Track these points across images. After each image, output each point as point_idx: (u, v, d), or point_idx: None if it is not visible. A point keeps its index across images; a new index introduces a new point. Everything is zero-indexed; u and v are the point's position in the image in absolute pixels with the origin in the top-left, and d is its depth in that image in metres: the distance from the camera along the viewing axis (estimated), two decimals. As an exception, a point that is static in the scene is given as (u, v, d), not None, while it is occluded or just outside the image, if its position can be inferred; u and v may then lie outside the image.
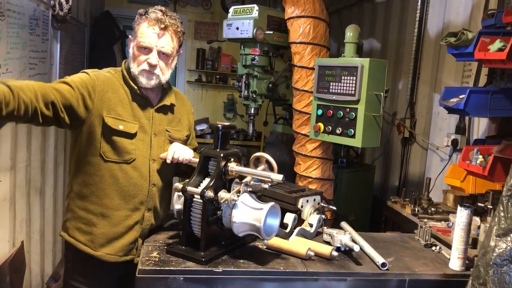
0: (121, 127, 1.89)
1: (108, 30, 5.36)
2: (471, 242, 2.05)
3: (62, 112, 1.79)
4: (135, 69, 1.92)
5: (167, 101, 2.04)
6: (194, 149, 2.21)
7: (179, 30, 1.96)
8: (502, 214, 1.57)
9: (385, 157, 4.22)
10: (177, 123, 2.10)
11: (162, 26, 1.90)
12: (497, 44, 2.17)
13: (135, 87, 1.95)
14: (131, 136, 1.92)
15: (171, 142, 2.04)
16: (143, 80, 1.93)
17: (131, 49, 1.94)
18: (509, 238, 1.52)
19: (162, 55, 1.92)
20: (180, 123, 2.12)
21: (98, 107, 1.87)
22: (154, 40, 1.89)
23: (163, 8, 1.94)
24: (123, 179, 1.92)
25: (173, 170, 2.09)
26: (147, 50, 1.90)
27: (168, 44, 1.93)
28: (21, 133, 2.91)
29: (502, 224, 1.55)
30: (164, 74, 1.96)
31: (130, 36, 1.98)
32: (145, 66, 1.91)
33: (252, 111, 3.49)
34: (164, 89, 2.06)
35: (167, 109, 2.05)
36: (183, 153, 1.97)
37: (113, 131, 1.89)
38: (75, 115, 1.84)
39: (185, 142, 2.13)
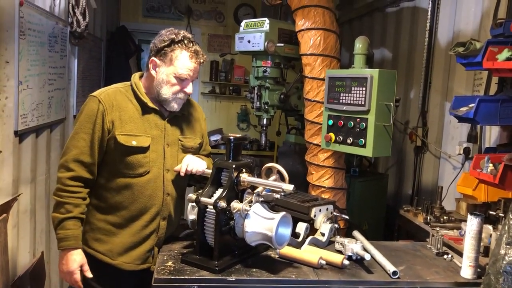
0: (134, 143, 1.95)
1: (124, 45, 5.49)
2: (483, 250, 2.05)
3: (100, 154, 1.96)
4: (168, 95, 1.97)
5: (178, 111, 2.09)
6: (208, 155, 2.28)
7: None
8: (511, 222, 1.59)
9: (398, 166, 4.22)
10: (190, 132, 2.15)
11: (201, 61, 1.99)
12: (505, 53, 2.18)
13: (146, 101, 2.00)
14: (144, 150, 1.97)
15: (184, 151, 2.09)
16: (174, 106, 2.01)
17: (165, 75, 1.96)
18: (518, 246, 1.53)
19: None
20: (193, 131, 2.17)
21: (111, 128, 1.94)
22: (193, 73, 1.99)
23: (190, 36, 2.00)
24: (138, 192, 1.98)
25: (186, 179, 2.14)
26: (183, 79, 1.98)
27: (198, 74, 2.04)
28: (41, 147, 3.01)
29: (511, 232, 1.57)
30: None
31: (155, 59, 1.98)
32: (181, 95, 2.00)
33: (265, 122, 3.54)
34: None
35: (179, 119, 2.11)
36: (197, 165, 2.02)
37: (126, 148, 1.94)
38: (104, 145, 1.97)
39: (198, 149, 2.19)
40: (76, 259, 1.94)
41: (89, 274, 1.97)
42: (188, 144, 2.12)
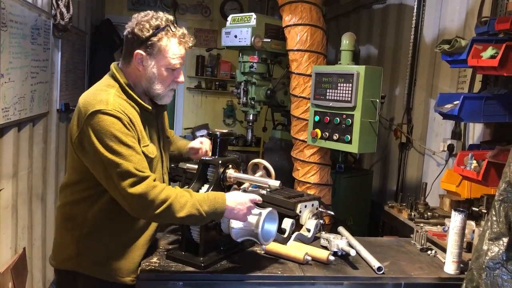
0: (149, 153, 1.74)
1: (109, 38, 5.42)
2: (466, 246, 2.08)
3: None
4: (161, 90, 1.77)
5: (163, 108, 1.93)
6: None
7: None
8: (494, 218, 1.60)
9: (383, 162, 4.25)
10: (166, 124, 2.02)
11: (191, 44, 1.77)
12: (490, 51, 2.21)
13: (148, 106, 1.78)
14: (153, 158, 1.78)
15: (167, 149, 2.00)
16: (167, 99, 1.83)
17: (155, 69, 1.73)
18: (501, 242, 1.55)
19: None
20: (166, 121, 2.04)
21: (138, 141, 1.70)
22: (183, 60, 1.77)
23: (171, 17, 1.77)
24: None
25: None
26: (175, 69, 1.77)
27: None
28: (23, 140, 2.95)
29: (494, 228, 1.59)
30: None
31: (141, 52, 1.70)
32: (174, 85, 1.80)
33: (251, 118, 3.53)
34: None
35: (161, 114, 1.96)
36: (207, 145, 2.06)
37: (149, 160, 1.73)
38: None
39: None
40: (236, 194, 1.73)
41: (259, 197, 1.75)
42: (168, 135, 2.03)
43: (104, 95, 1.70)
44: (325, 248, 2.02)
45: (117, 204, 1.67)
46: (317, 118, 3.02)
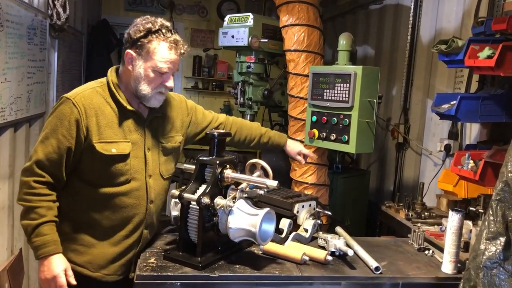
0: (114, 151, 1.80)
1: (105, 38, 5.41)
2: (463, 246, 2.08)
3: (68, 163, 1.80)
4: (147, 91, 1.82)
5: (158, 112, 1.95)
6: (218, 126, 2.33)
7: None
8: (491, 218, 1.61)
9: (380, 162, 4.26)
10: (170, 130, 2.03)
11: (182, 51, 1.84)
12: (486, 51, 2.21)
13: (125, 104, 1.85)
14: (125, 157, 1.83)
15: (164, 154, 1.98)
16: (155, 102, 1.87)
17: (142, 69, 1.80)
18: (498, 242, 1.56)
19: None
20: (173, 128, 2.04)
21: (86, 136, 1.78)
22: (173, 65, 1.83)
23: (168, 24, 1.84)
24: (120, 202, 1.85)
25: (169, 181, 2.05)
26: (163, 73, 1.83)
27: (178, 66, 1.89)
28: (19, 141, 2.94)
29: (491, 228, 1.59)
30: None
31: (131, 52, 1.80)
32: (161, 89, 1.85)
33: (248, 118, 3.53)
34: None
35: (159, 118, 1.97)
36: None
37: (106, 157, 1.79)
38: (77, 154, 1.80)
39: (178, 149, 2.07)
40: (59, 263, 1.77)
41: (73, 281, 1.78)
42: (169, 145, 2.00)
43: (83, 87, 1.87)
44: (323, 248, 2.02)
45: (86, 205, 1.83)
46: (314, 118, 3.02)
